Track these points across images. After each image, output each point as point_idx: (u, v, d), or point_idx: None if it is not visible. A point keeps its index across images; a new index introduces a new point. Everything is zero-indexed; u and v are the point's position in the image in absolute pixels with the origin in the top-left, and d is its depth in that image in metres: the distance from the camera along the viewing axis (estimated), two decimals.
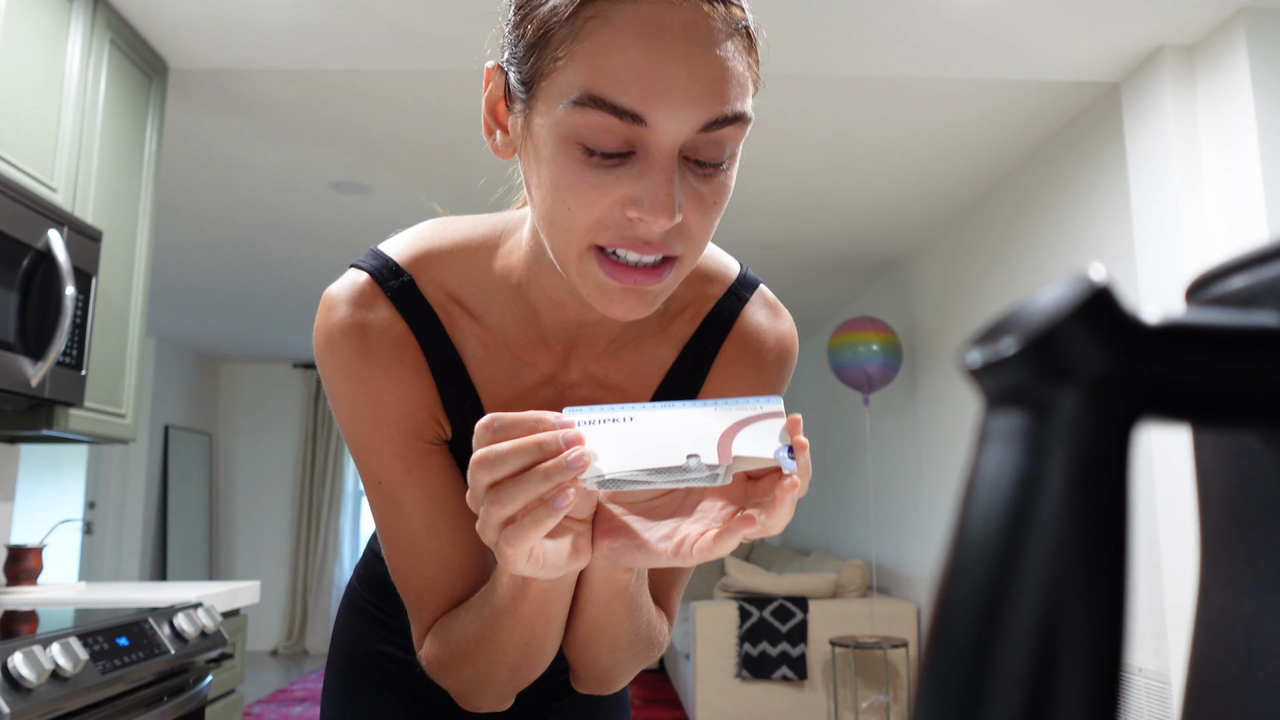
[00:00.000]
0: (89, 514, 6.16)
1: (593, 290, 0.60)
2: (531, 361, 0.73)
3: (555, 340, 0.72)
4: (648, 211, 0.56)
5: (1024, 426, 0.20)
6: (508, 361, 0.72)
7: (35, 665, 1.43)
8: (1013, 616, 0.19)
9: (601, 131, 0.56)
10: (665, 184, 0.56)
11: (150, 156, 2.50)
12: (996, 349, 0.20)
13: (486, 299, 0.71)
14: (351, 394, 0.69)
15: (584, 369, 0.74)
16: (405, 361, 0.69)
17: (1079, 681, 0.18)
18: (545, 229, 0.61)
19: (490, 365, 0.72)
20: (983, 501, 0.20)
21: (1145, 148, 2.60)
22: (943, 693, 0.19)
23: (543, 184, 0.59)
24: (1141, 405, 0.20)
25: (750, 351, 0.76)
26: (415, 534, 0.70)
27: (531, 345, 0.72)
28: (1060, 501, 0.19)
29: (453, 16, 2.38)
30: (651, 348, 0.75)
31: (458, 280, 0.71)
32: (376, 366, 0.69)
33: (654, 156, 0.56)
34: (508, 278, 0.71)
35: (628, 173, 0.56)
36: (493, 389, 0.73)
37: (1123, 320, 0.20)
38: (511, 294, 0.71)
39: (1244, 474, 0.23)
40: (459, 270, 0.71)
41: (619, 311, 0.60)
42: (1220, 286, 0.23)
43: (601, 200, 0.57)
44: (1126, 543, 0.19)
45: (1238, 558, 0.23)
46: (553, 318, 0.70)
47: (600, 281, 0.59)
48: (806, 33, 2.47)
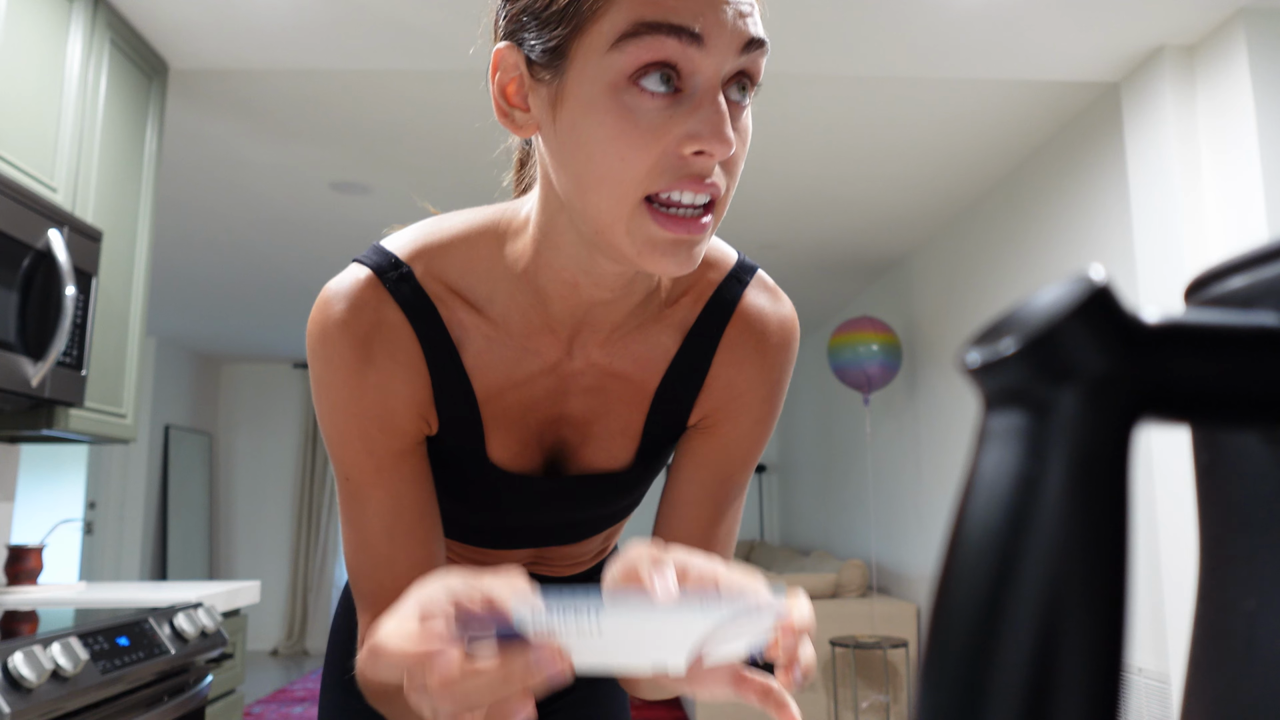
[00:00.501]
0: (89, 514, 6.16)
1: (641, 246, 0.59)
2: (534, 350, 0.72)
3: (561, 326, 0.71)
4: (708, 141, 0.56)
5: (1024, 426, 0.20)
6: (509, 351, 0.72)
7: (35, 665, 1.43)
8: (1012, 616, 0.19)
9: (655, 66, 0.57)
10: (720, 112, 0.57)
11: (150, 156, 2.50)
12: (996, 349, 0.20)
13: (489, 289, 0.71)
14: (337, 388, 0.69)
15: (588, 357, 0.73)
16: (399, 356, 0.69)
17: (1079, 681, 0.18)
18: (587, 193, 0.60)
19: (489, 354, 0.72)
20: (982, 501, 0.20)
21: (1145, 148, 2.60)
22: (943, 693, 0.19)
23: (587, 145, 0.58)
24: (1141, 405, 0.20)
25: (754, 336, 0.76)
26: (373, 535, 0.70)
27: (536, 333, 0.72)
28: (1060, 501, 0.19)
29: (453, 16, 2.38)
30: (655, 334, 0.75)
31: (458, 272, 0.71)
32: (368, 362, 0.68)
33: (704, 88, 0.58)
34: (513, 265, 0.70)
35: (681, 110, 0.57)
36: (489, 379, 0.72)
37: (1122, 320, 0.20)
38: (517, 281, 0.70)
39: (1244, 474, 0.23)
40: (459, 262, 0.71)
41: (667, 265, 0.60)
42: (1220, 286, 0.23)
43: (658, 141, 0.57)
44: (1126, 542, 0.19)
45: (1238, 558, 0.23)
46: (562, 301, 0.70)
47: (650, 235, 0.59)
48: (806, 33, 2.47)
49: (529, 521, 0.82)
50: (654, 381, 0.75)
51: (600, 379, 0.74)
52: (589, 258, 0.66)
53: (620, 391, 0.75)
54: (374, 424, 0.69)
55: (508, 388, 0.73)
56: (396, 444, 0.70)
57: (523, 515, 0.81)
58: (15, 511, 2.57)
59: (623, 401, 0.75)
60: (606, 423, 0.76)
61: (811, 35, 2.48)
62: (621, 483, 0.79)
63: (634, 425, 0.77)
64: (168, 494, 6.67)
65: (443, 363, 0.71)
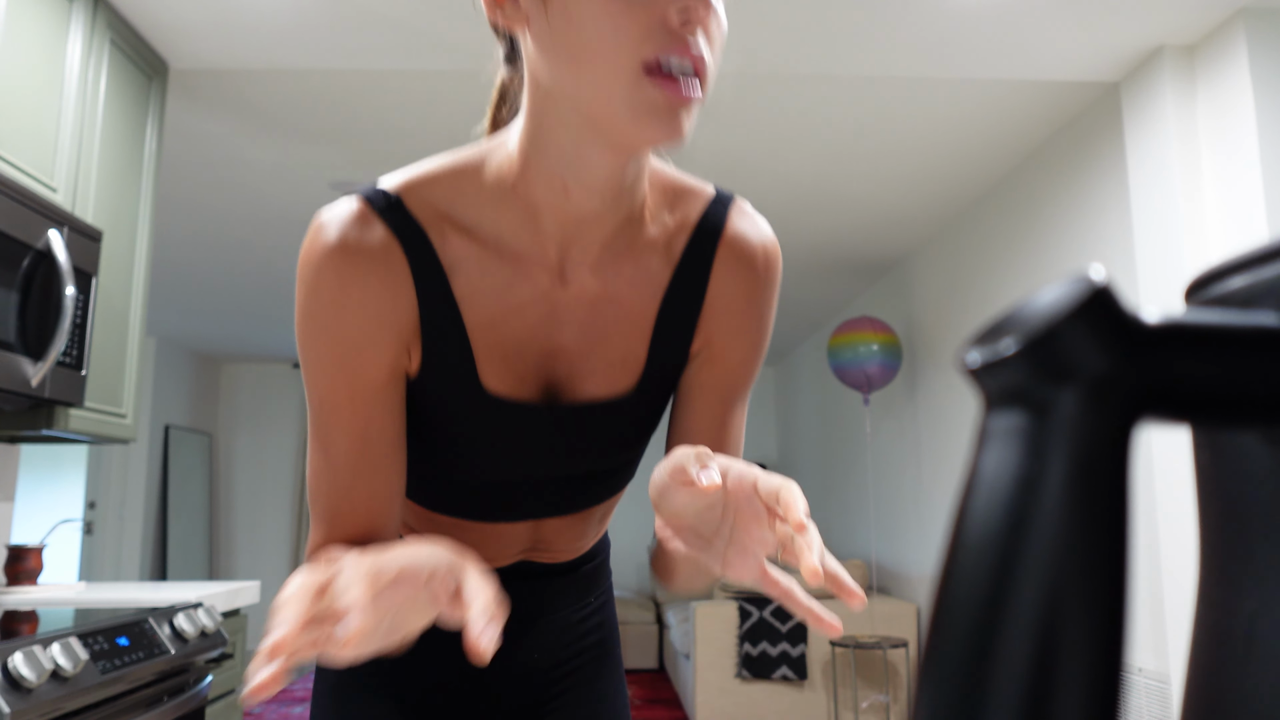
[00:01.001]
0: (89, 514, 6.16)
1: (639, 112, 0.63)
2: (526, 274, 0.73)
3: (551, 242, 0.73)
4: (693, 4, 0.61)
5: (1024, 426, 0.20)
6: (501, 276, 0.73)
7: (35, 665, 1.43)
8: (1012, 616, 0.19)
9: None
10: None
11: (150, 156, 2.50)
12: (996, 349, 0.20)
13: (478, 213, 0.73)
14: (322, 310, 0.70)
15: (580, 282, 0.75)
16: (386, 278, 0.70)
17: (1079, 681, 0.18)
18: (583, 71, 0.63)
19: (480, 281, 0.73)
20: (982, 501, 0.20)
21: (1145, 148, 2.60)
22: (942, 693, 0.19)
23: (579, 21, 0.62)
24: (1141, 405, 0.20)
25: (743, 259, 0.80)
26: (338, 462, 0.71)
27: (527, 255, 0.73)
28: (1060, 501, 0.19)
29: (453, 16, 2.38)
30: (645, 258, 0.77)
31: (446, 199, 0.73)
32: (355, 282, 0.69)
33: None
34: (500, 184, 0.72)
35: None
36: (481, 308, 0.73)
37: (1122, 320, 0.20)
38: (505, 199, 0.72)
39: (1244, 474, 0.23)
40: (447, 190, 0.73)
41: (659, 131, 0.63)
42: (1220, 286, 0.23)
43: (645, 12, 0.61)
44: (1126, 542, 0.19)
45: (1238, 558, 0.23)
46: (551, 212, 0.72)
47: (648, 98, 0.62)
48: (807, 33, 2.47)
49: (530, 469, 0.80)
50: (651, 309, 0.77)
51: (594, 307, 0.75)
52: (579, 156, 0.68)
53: (617, 320, 0.76)
54: (354, 348, 0.70)
55: (500, 317, 0.73)
56: (373, 372, 0.71)
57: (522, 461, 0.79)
58: (15, 511, 2.57)
59: (620, 332, 0.77)
60: (605, 353, 0.77)
61: (812, 35, 2.48)
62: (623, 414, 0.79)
63: (635, 355, 0.78)
64: (168, 494, 6.67)
65: (432, 289, 0.72)
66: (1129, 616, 0.19)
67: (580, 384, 0.77)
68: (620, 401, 0.78)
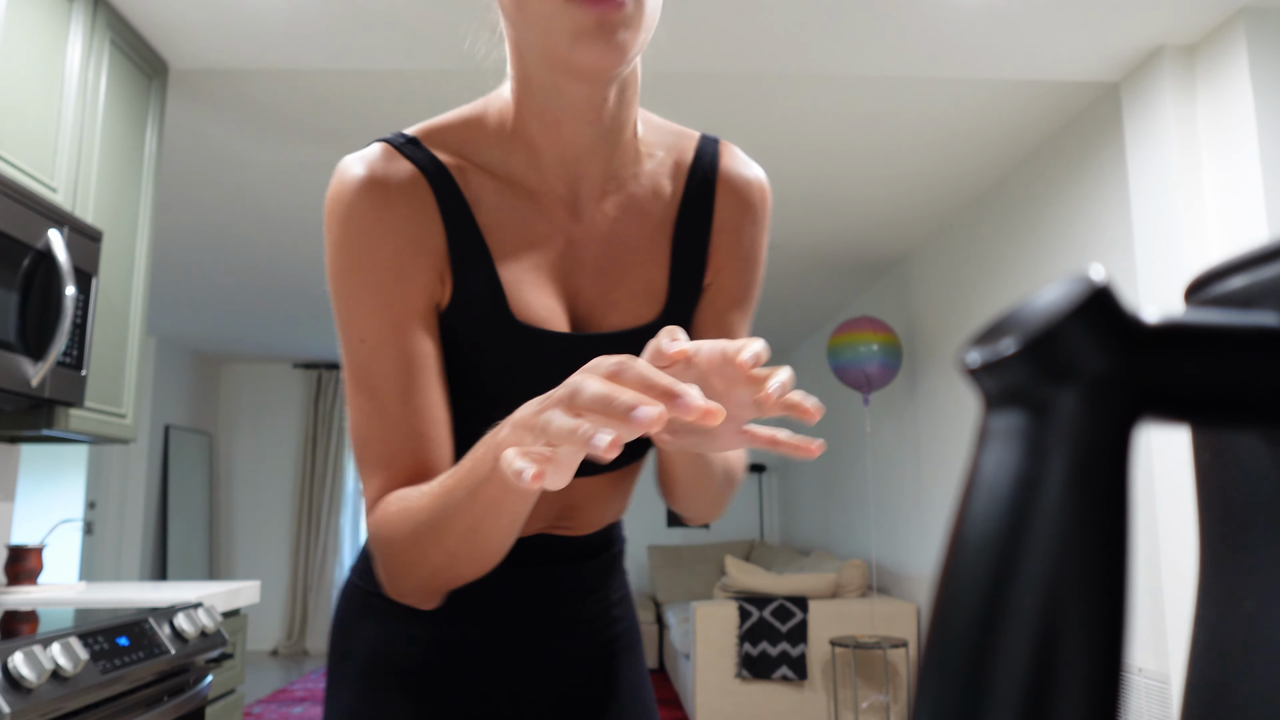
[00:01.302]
0: (89, 514, 6.16)
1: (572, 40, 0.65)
2: (542, 209, 0.77)
3: (557, 178, 0.76)
4: None
5: (1024, 426, 0.20)
6: (520, 210, 0.76)
7: (35, 665, 1.43)
8: (1012, 617, 0.19)
9: None
10: None
11: (150, 156, 2.50)
12: (996, 349, 0.20)
13: (489, 154, 0.77)
14: (354, 244, 0.72)
15: (593, 218, 0.78)
16: (415, 205, 0.73)
17: (1079, 681, 0.18)
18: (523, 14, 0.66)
19: (501, 212, 0.76)
20: (982, 501, 0.20)
21: (1145, 148, 2.60)
22: (942, 693, 0.19)
23: None
24: (1141, 405, 0.20)
25: (741, 195, 0.84)
26: (387, 398, 0.72)
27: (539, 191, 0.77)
28: (1060, 501, 0.19)
29: (453, 16, 2.38)
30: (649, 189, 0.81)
31: (459, 142, 0.77)
32: (386, 209, 0.72)
33: None
34: (503, 126, 0.76)
35: None
36: (505, 239, 0.76)
37: (1122, 320, 0.20)
38: (509, 142, 0.76)
39: (1244, 474, 0.23)
40: (459, 134, 0.77)
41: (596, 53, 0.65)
42: (1220, 286, 0.23)
43: None
44: (1126, 543, 0.19)
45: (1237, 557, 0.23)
46: (550, 148, 0.75)
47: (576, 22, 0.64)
48: (806, 33, 2.47)
49: None
50: (664, 240, 0.81)
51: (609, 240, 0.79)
52: (556, 89, 0.71)
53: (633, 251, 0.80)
54: (392, 275, 0.72)
55: (523, 249, 0.76)
56: (413, 298, 0.72)
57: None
58: (15, 511, 2.57)
59: (637, 262, 0.80)
60: (626, 284, 0.80)
61: (812, 35, 2.48)
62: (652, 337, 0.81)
63: (656, 284, 0.81)
64: (168, 494, 6.67)
65: (459, 220, 0.74)
66: (1129, 616, 0.19)
67: (606, 315, 0.80)
68: (646, 330, 0.80)
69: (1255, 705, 0.21)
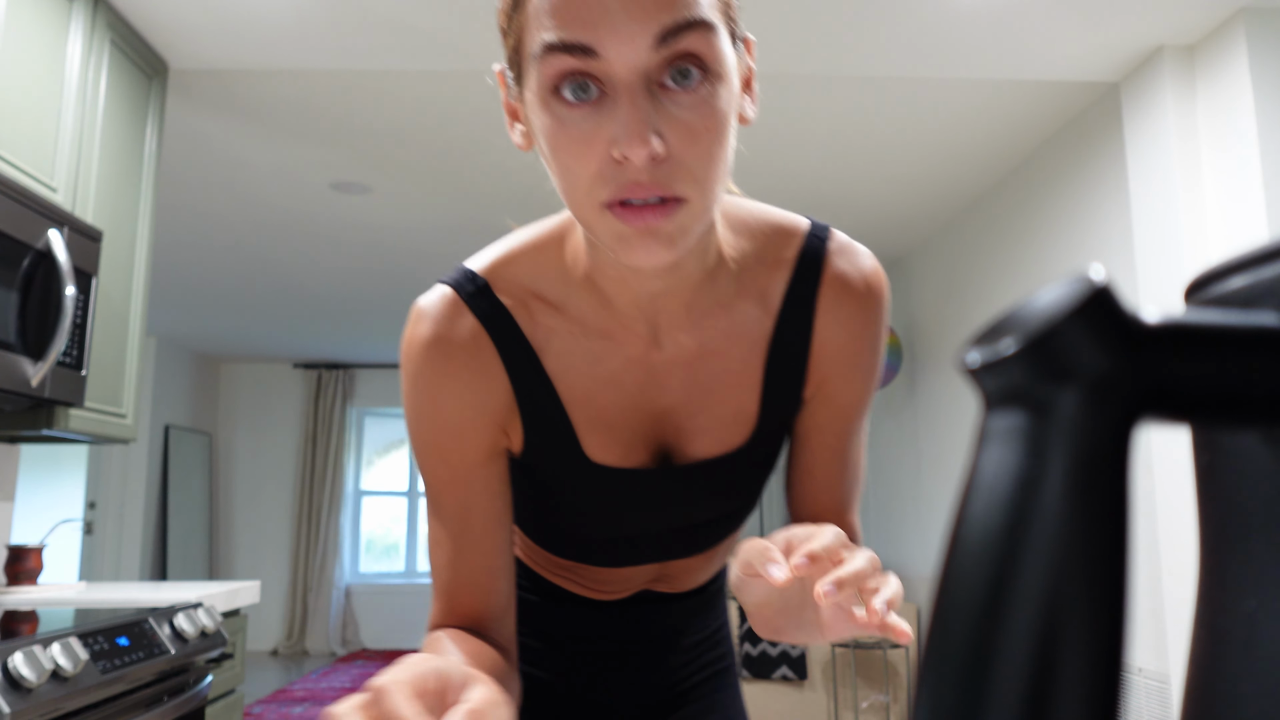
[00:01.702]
0: (89, 514, 6.16)
1: (615, 244, 0.60)
2: (618, 342, 0.73)
3: (634, 320, 0.73)
4: (625, 145, 0.56)
5: (1024, 426, 0.20)
6: (591, 348, 0.74)
7: (35, 665, 1.43)
8: (1012, 617, 0.19)
9: (565, 77, 0.57)
10: (632, 111, 0.56)
11: (150, 156, 2.50)
12: (996, 349, 0.20)
13: (563, 292, 0.73)
14: (419, 400, 0.73)
15: (676, 342, 0.74)
16: (476, 365, 0.72)
17: (1079, 682, 0.18)
18: (567, 204, 0.62)
19: (572, 355, 0.74)
20: (982, 501, 0.20)
21: (1145, 148, 2.60)
22: (942, 693, 0.19)
23: (546, 154, 0.61)
24: (1141, 405, 0.20)
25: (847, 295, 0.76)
26: (445, 538, 0.75)
27: (615, 331, 0.73)
28: (1060, 501, 0.19)
29: (453, 16, 2.38)
30: (740, 308, 0.74)
31: (530, 276, 0.73)
32: (446, 374, 0.72)
33: (618, 88, 0.57)
34: (575, 268, 0.72)
35: (605, 114, 0.57)
36: (576, 380, 0.74)
37: (1122, 320, 0.20)
38: (582, 283, 0.73)
39: (1244, 474, 0.23)
40: (530, 268, 0.74)
41: (641, 257, 0.59)
42: (1220, 286, 0.23)
43: (590, 150, 0.58)
44: (1126, 543, 0.19)
45: (1238, 557, 0.23)
46: (621, 297, 0.71)
47: (617, 231, 0.59)
48: (806, 33, 2.47)
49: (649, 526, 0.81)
50: (756, 360, 0.75)
51: (693, 365, 0.74)
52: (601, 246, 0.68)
53: (720, 375, 0.75)
54: (450, 435, 0.73)
55: (597, 387, 0.74)
56: (470, 455, 0.74)
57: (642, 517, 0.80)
58: (15, 511, 2.57)
59: (726, 386, 0.75)
60: (714, 410, 0.76)
61: (812, 35, 2.48)
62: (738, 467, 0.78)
63: (746, 409, 0.76)
64: (167, 494, 6.67)
65: (523, 369, 0.73)
66: (1129, 617, 0.19)
67: (691, 443, 0.77)
68: (735, 455, 0.78)
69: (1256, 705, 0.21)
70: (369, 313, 5.94)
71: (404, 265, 4.83)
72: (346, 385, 7.70)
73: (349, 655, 7.18)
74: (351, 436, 7.74)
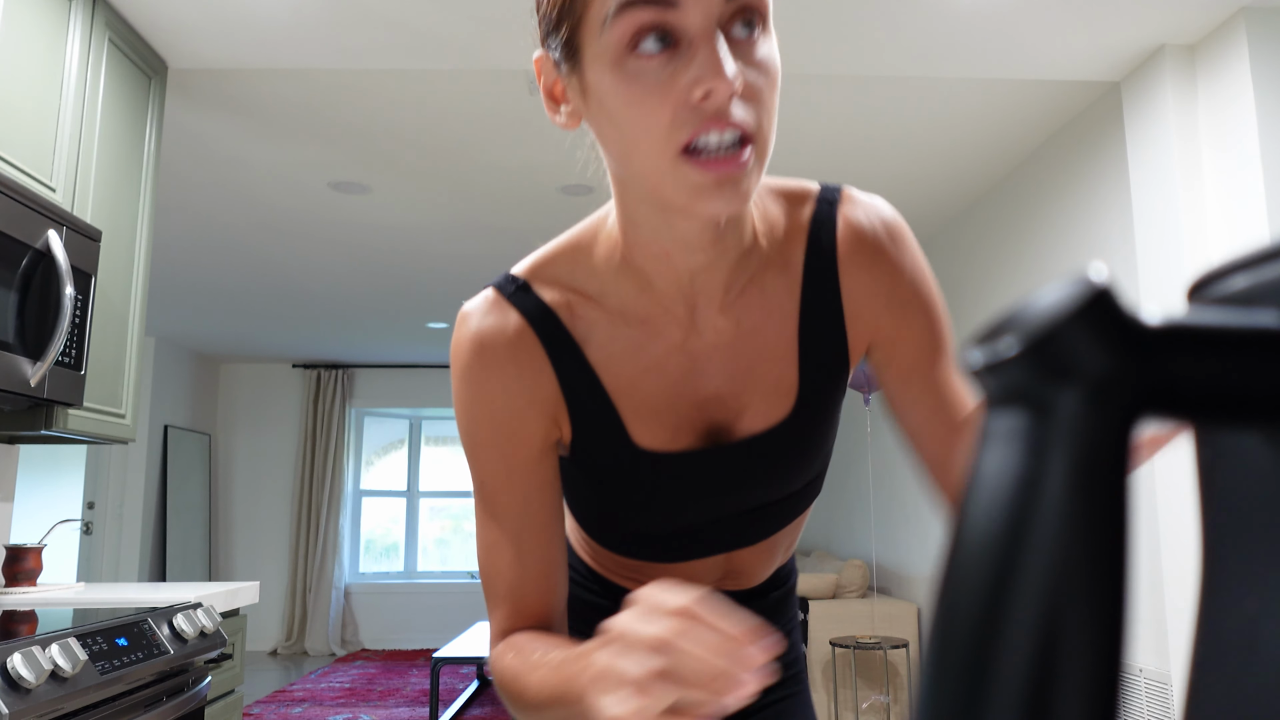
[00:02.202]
0: (88, 514, 6.16)
1: (688, 195, 0.62)
2: (658, 331, 0.75)
3: (674, 303, 0.74)
4: (709, 80, 0.59)
5: (1024, 426, 0.20)
6: (632, 337, 0.75)
7: (34, 666, 1.43)
8: (1013, 617, 0.19)
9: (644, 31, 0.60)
10: (713, 51, 0.60)
11: (150, 156, 2.50)
12: (997, 349, 0.20)
13: (601, 282, 0.76)
14: (471, 399, 0.75)
15: (714, 325, 0.75)
16: (523, 361, 0.75)
17: (1080, 682, 0.18)
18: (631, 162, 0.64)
19: (613, 345, 0.75)
20: (983, 501, 0.20)
21: (1146, 147, 2.60)
22: (943, 693, 0.19)
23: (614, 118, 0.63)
24: (1142, 405, 0.20)
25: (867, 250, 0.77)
26: (505, 536, 0.76)
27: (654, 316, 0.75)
28: (1061, 502, 0.19)
29: (453, 16, 2.38)
30: (769, 282, 0.76)
31: (568, 274, 0.76)
32: (495, 371, 0.74)
33: (695, 35, 0.60)
34: (611, 258, 0.75)
35: (681, 62, 0.61)
36: (619, 370, 0.76)
37: (1123, 320, 0.20)
38: (619, 272, 0.75)
39: (1244, 474, 0.23)
40: (568, 265, 0.77)
41: (717, 205, 0.62)
42: (1221, 286, 0.23)
43: (668, 96, 0.60)
44: (1127, 543, 0.19)
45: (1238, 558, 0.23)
46: (663, 277, 0.73)
47: (692, 182, 0.61)
48: (807, 32, 2.47)
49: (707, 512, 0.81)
50: (789, 330, 0.77)
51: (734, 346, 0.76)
52: (666, 223, 0.69)
53: (759, 350, 0.76)
54: (505, 428, 0.75)
55: (640, 375, 0.76)
56: (525, 450, 0.76)
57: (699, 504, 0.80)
58: (14, 512, 2.57)
59: (766, 360, 0.77)
60: (757, 386, 0.77)
61: (812, 35, 2.48)
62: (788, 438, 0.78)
63: (786, 379, 0.77)
64: (167, 494, 6.67)
65: (567, 362, 0.76)
66: (1130, 617, 0.19)
67: (738, 422, 0.78)
68: (782, 427, 0.78)
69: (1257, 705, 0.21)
70: (368, 313, 5.94)
71: (403, 265, 4.83)
72: (346, 385, 7.70)
73: (348, 656, 7.18)
74: (351, 437, 7.74)
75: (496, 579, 0.76)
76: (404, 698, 5.47)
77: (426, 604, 7.71)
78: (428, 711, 4.91)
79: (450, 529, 8.04)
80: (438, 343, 6.94)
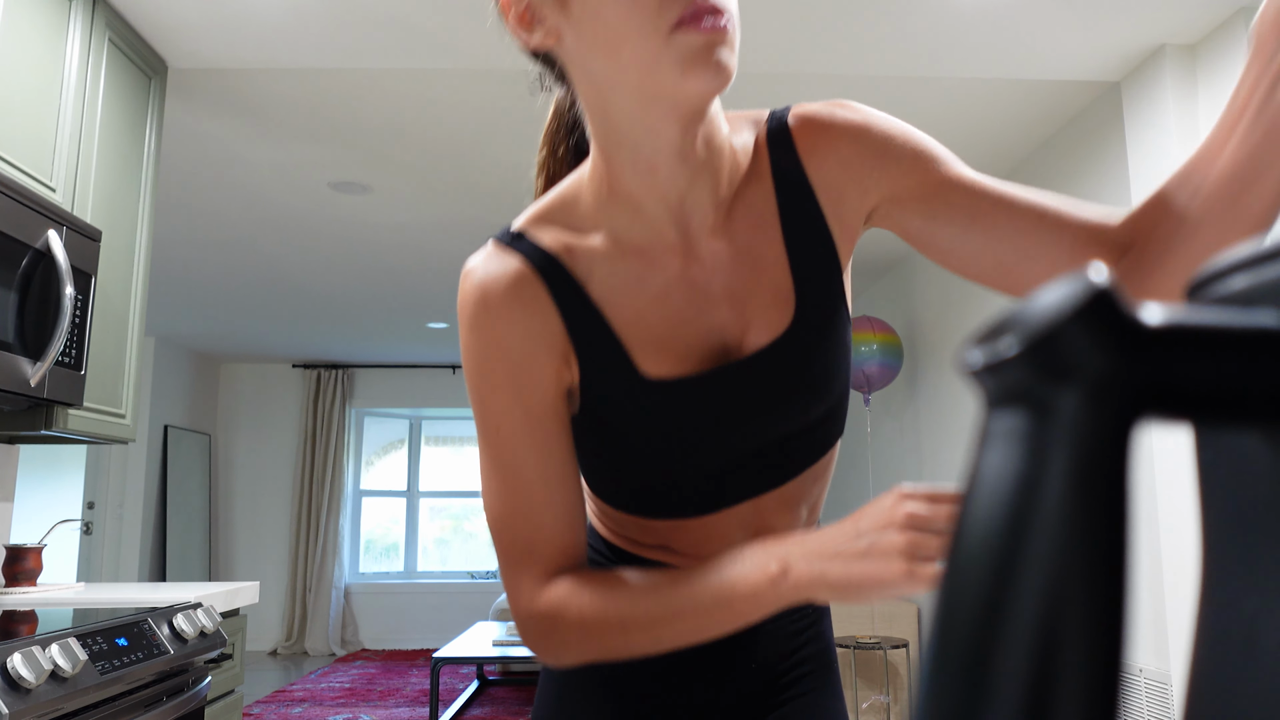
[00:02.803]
0: (88, 514, 6.16)
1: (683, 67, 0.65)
2: (658, 263, 0.77)
3: (666, 226, 0.76)
4: None
5: (1024, 427, 0.20)
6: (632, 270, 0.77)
7: (34, 666, 1.43)
8: (1013, 617, 0.19)
9: None
10: None
11: (150, 156, 2.50)
12: (997, 349, 0.20)
13: (594, 218, 0.78)
14: (483, 345, 0.76)
15: (710, 250, 0.77)
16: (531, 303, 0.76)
17: (1080, 682, 0.18)
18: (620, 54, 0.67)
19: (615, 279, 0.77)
20: (983, 502, 0.20)
21: (1146, 147, 2.60)
22: (943, 693, 0.19)
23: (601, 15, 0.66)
24: (1142, 405, 0.20)
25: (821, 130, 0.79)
26: (529, 482, 0.76)
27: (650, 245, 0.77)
28: (1061, 502, 0.19)
29: (453, 16, 2.38)
30: (750, 195, 0.78)
31: (562, 220, 0.79)
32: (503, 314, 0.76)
33: None
34: (599, 192, 0.77)
35: None
36: (623, 304, 0.77)
37: (1123, 320, 0.20)
38: (608, 202, 0.77)
39: (1244, 474, 0.23)
40: (561, 210, 0.79)
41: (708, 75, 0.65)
42: (1221, 286, 0.23)
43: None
44: (1127, 543, 0.19)
45: (1238, 558, 0.23)
46: (651, 198, 0.75)
47: (686, 47, 0.65)
48: (807, 32, 2.47)
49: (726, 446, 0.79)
50: (776, 236, 0.78)
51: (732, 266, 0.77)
52: (650, 132, 0.71)
53: (755, 266, 0.78)
54: (518, 373, 0.76)
55: (644, 307, 0.77)
56: (540, 393, 0.76)
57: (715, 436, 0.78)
58: (14, 512, 2.57)
59: (762, 273, 0.78)
60: (758, 303, 0.78)
61: (812, 35, 2.48)
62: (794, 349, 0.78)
63: (782, 287, 0.78)
64: (166, 494, 6.67)
65: (570, 301, 0.77)
66: (1130, 617, 0.19)
67: (745, 340, 0.78)
68: (786, 337, 0.78)
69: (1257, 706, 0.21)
70: (368, 312, 5.94)
71: (403, 265, 4.83)
72: (346, 385, 7.70)
73: (348, 655, 7.18)
74: (351, 437, 7.74)
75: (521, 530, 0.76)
76: (404, 698, 5.47)
77: (426, 604, 7.71)
78: (428, 711, 4.91)
79: (450, 529, 8.04)
80: (438, 343, 6.94)
